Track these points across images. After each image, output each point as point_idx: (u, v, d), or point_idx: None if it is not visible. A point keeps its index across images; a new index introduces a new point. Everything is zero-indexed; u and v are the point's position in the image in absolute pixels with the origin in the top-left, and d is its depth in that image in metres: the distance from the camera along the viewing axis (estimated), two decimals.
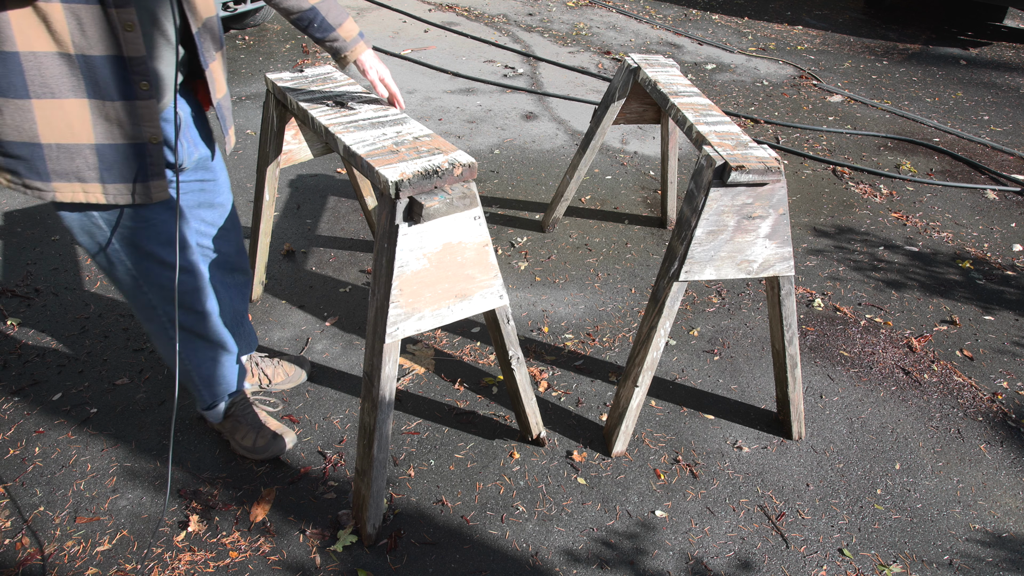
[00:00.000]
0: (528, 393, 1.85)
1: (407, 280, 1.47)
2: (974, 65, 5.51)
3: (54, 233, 2.76)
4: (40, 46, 1.15)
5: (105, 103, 1.24)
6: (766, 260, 1.78)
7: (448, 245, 1.50)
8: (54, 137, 1.23)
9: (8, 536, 1.68)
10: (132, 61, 1.23)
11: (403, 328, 1.51)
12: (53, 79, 1.19)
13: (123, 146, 1.29)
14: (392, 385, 1.56)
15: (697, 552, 1.76)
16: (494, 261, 1.58)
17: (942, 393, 2.31)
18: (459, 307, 1.58)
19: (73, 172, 1.28)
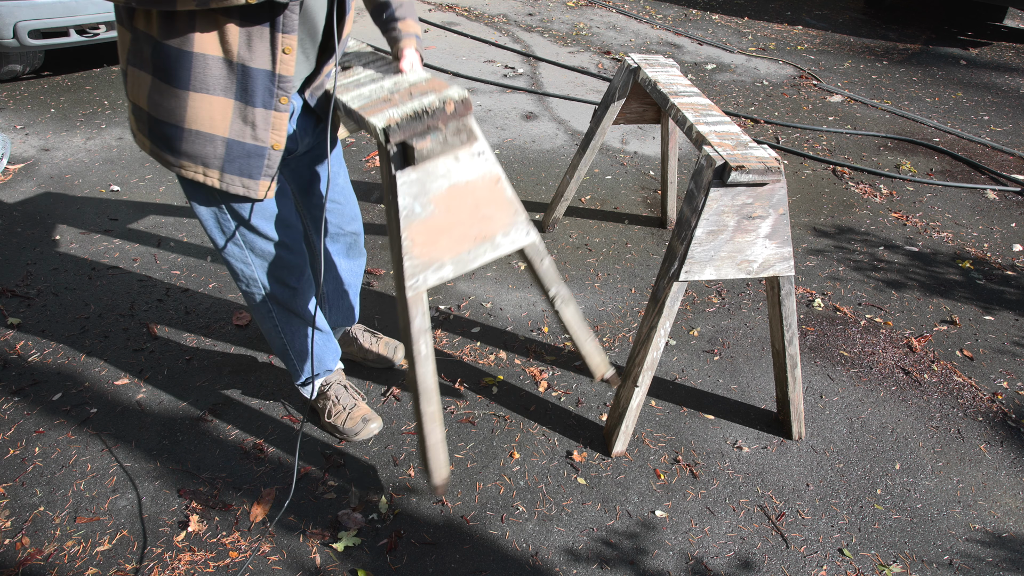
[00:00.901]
0: (584, 331, 1.73)
1: (416, 229, 1.39)
2: (974, 65, 5.51)
3: (54, 233, 2.76)
4: (211, 51, 1.35)
5: (247, 107, 1.42)
6: (766, 260, 1.78)
7: (455, 187, 1.41)
8: (195, 124, 1.42)
9: (8, 536, 1.68)
10: (281, 78, 1.41)
11: (424, 279, 1.43)
12: (212, 79, 1.37)
13: (249, 145, 1.46)
14: (427, 338, 1.49)
15: (697, 552, 1.76)
16: (512, 196, 1.47)
17: (942, 393, 2.31)
18: (482, 251, 1.48)
19: (201, 157, 1.46)
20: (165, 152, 1.47)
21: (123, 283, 2.52)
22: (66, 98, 3.86)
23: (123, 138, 3.50)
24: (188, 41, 1.33)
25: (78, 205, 2.94)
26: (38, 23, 3.56)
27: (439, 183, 1.40)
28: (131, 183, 3.12)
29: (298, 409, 2.08)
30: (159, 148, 1.48)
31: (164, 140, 1.45)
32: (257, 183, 1.51)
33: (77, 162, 3.25)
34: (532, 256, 1.60)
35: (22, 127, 3.53)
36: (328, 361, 1.95)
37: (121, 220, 2.87)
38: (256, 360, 2.23)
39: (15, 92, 3.89)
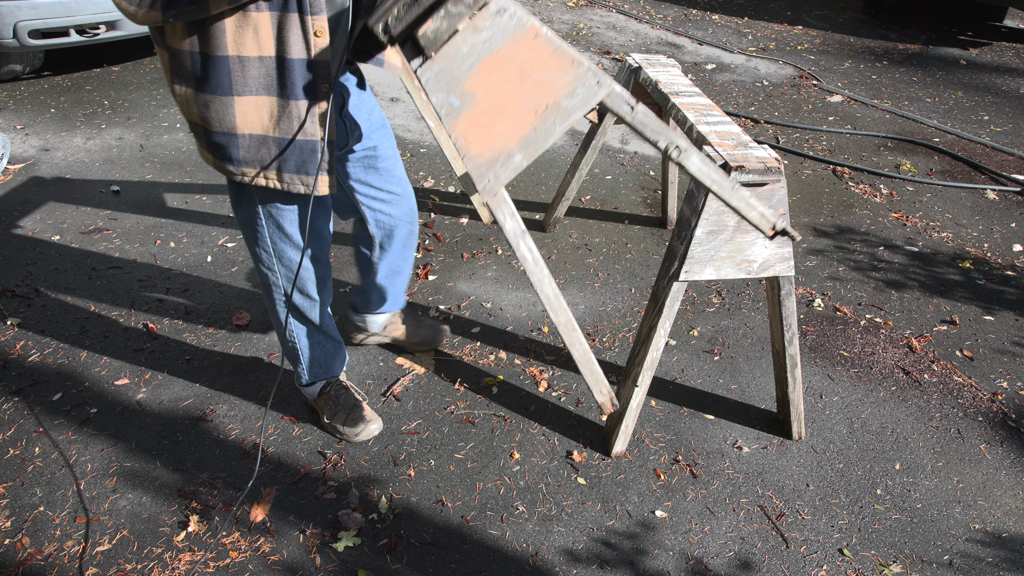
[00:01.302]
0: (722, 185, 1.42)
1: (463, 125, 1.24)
2: (974, 65, 5.51)
3: (54, 233, 2.76)
4: (246, 51, 1.33)
5: (290, 101, 1.40)
6: (766, 260, 1.78)
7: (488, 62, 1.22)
8: (248, 128, 1.42)
9: (8, 536, 1.68)
10: (318, 64, 1.37)
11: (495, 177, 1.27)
12: (252, 79, 1.36)
13: (300, 141, 1.45)
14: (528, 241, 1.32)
15: (697, 552, 1.76)
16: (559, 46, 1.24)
17: (942, 393, 2.31)
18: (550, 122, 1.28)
19: (259, 160, 1.47)
20: (226, 163, 1.49)
21: (123, 283, 2.52)
22: (66, 98, 3.86)
23: (123, 138, 3.50)
24: (222, 46, 1.32)
25: (78, 205, 2.94)
26: (38, 23, 3.56)
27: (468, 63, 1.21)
28: (131, 183, 3.12)
29: (298, 408, 2.08)
30: (219, 159, 1.49)
31: (221, 150, 1.46)
32: (314, 179, 1.50)
33: (77, 162, 3.25)
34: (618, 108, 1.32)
35: (22, 127, 3.53)
36: (335, 368, 1.98)
37: (121, 220, 2.87)
38: (256, 360, 2.23)
39: (15, 92, 3.89)
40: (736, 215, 1.70)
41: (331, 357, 1.95)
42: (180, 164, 3.31)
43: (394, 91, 4.30)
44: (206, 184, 3.16)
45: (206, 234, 2.82)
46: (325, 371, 1.96)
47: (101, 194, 3.03)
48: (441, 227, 2.98)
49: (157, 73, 4.29)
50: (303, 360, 1.91)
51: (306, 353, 1.90)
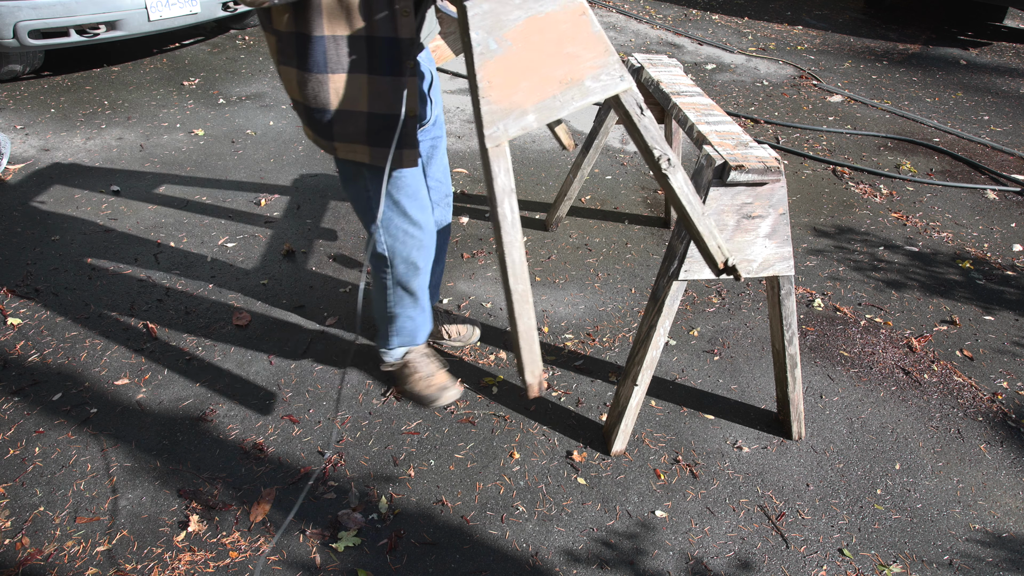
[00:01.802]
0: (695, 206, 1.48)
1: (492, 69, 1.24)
2: (974, 65, 5.51)
3: (54, 233, 2.76)
4: (340, 31, 1.41)
5: (379, 77, 1.47)
6: (766, 260, 1.78)
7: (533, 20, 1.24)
8: (340, 105, 1.50)
9: (8, 536, 1.68)
10: (403, 42, 1.44)
11: (504, 128, 1.28)
12: (345, 57, 1.44)
13: (388, 116, 1.51)
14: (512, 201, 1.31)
15: (697, 552, 1.76)
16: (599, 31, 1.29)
17: (942, 393, 2.31)
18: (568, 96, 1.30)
19: (350, 135, 1.54)
20: (322, 137, 1.58)
21: (123, 283, 2.52)
22: (66, 98, 3.86)
23: (123, 138, 3.50)
24: (319, 26, 1.40)
25: (78, 205, 2.94)
26: (38, 23, 3.56)
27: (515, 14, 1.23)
28: (131, 183, 3.12)
29: (297, 409, 2.08)
30: (318, 135, 1.58)
31: (319, 126, 1.55)
32: (401, 152, 1.56)
33: (77, 162, 3.25)
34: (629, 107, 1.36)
35: (22, 127, 3.53)
36: (420, 337, 2.03)
37: (121, 220, 2.87)
38: (256, 360, 2.23)
39: (15, 92, 3.89)
40: (735, 215, 1.70)
41: (419, 326, 2.00)
42: (180, 164, 3.31)
43: None
44: (206, 184, 3.16)
45: (206, 234, 2.82)
46: (411, 339, 2.02)
47: (101, 194, 3.03)
48: None
49: (157, 73, 4.29)
50: (394, 327, 1.96)
51: (399, 320, 1.95)
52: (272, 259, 2.71)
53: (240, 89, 4.14)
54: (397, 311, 1.92)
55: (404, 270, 1.83)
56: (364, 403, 2.11)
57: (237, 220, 2.93)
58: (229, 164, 3.35)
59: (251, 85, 4.21)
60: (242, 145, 3.52)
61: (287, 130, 3.71)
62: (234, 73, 4.37)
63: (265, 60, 4.60)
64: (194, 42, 4.84)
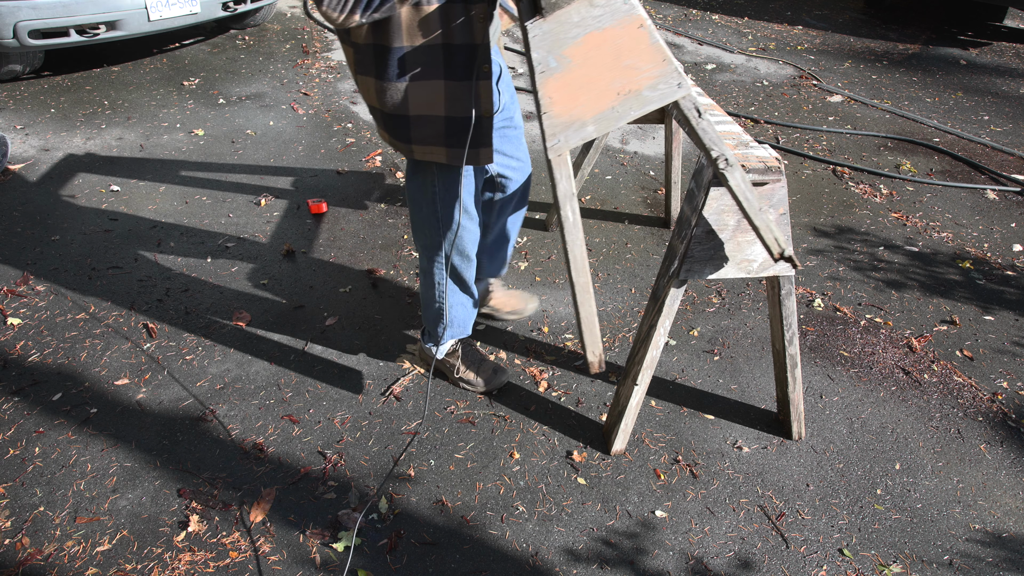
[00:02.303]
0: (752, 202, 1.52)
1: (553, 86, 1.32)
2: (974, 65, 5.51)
3: (54, 233, 2.76)
4: (418, 41, 1.48)
5: (456, 83, 1.54)
6: (766, 260, 1.78)
7: (592, 36, 1.31)
8: (418, 111, 1.58)
9: (8, 536, 1.68)
10: (480, 48, 1.51)
11: (565, 139, 1.37)
12: (423, 65, 1.51)
13: (464, 119, 1.59)
14: (574, 204, 1.43)
15: (697, 552, 1.76)
16: (658, 41, 1.34)
17: (942, 393, 2.31)
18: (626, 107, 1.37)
19: (427, 138, 1.62)
20: (400, 141, 1.66)
21: (123, 283, 2.52)
22: (66, 98, 3.86)
23: (123, 138, 3.50)
24: (398, 38, 1.47)
25: (78, 205, 2.94)
26: (38, 23, 3.56)
27: (574, 33, 1.30)
28: (131, 183, 3.12)
29: (297, 409, 2.08)
30: (395, 139, 1.67)
31: (397, 131, 1.64)
32: (478, 151, 1.64)
33: (77, 162, 3.25)
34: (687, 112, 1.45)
35: (22, 127, 3.53)
36: (469, 326, 2.12)
37: (121, 220, 2.87)
38: (256, 360, 2.23)
39: (15, 92, 3.89)
40: (735, 215, 1.70)
41: (469, 317, 2.09)
42: (180, 164, 3.31)
43: None
44: (206, 184, 3.16)
45: (206, 234, 2.82)
46: (462, 330, 2.10)
47: (101, 194, 3.03)
48: None
49: (157, 73, 4.29)
50: (445, 320, 2.01)
51: (450, 313, 2.02)
52: (272, 259, 2.71)
53: (240, 89, 4.14)
54: (450, 302, 2.00)
55: (459, 262, 1.92)
56: (364, 403, 2.11)
57: (237, 220, 2.93)
58: (229, 164, 3.35)
59: (251, 85, 4.21)
60: (242, 145, 3.52)
61: (287, 130, 3.71)
62: (234, 73, 4.37)
63: (265, 60, 4.61)
64: (194, 42, 4.84)
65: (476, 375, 2.14)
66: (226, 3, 4.28)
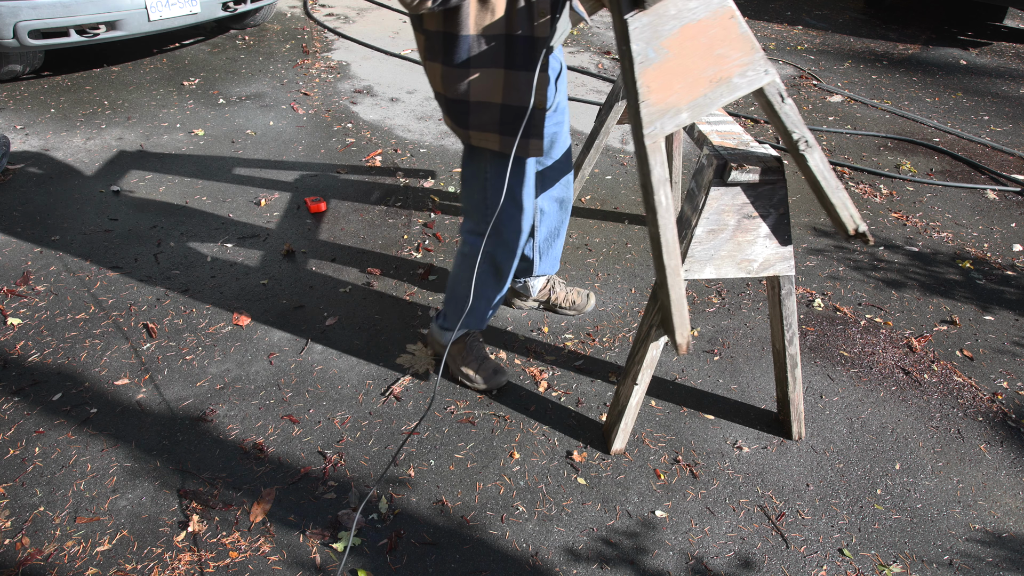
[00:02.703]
0: (831, 181, 1.62)
1: (652, 75, 1.39)
2: (974, 65, 5.51)
3: (54, 233, 2.76)
4: (483, 31, 1.57)
5: (515, 73, 1.61)
6: (766, 259, 1.78)
7: (687, 28, 1.38)
8: (477, 97, 1.66)
9: (8, 536, 1.68)
10: (539, 41, 1.59)
11: (661, 126, 1.44)
12: (485, 54, 1.59)
13: (519, 108, 1.65)
14: (666, 189, 1.50)
15: (697, 552, 1.76)
16: (746, 31, 1.42)
17: (942, 393, 2.31)
18: (718, 93, 1.45)
19: (484, 124, 1.70)
20: (460, 126, 1.74)
21: (123, 283, 2.52)
22: (66, 98, 3.86)
23: (123, 138, 3.50)
24: (465, 26, 1.56)
25: (78, 205, 2.94)
26: (38, 23, 3.56)
27: (671, 25, 1.37)
28: (131, 183, 3.12)
29: (297, 409, 2.08)
30: (455, 123, 1.74)
31: (457, 115, 1.71)
32: (528, 142, 1.71)
33: (77, 162, 3.25)
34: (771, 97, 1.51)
35: (22, 127, 3.53)
36: (485, 322, 2.16)
37: (121, 220, 2.87)
38: (256, 360, 2.23)
39: (15, 92, 3.89)
40: (736, 215, 1.70)
41: (490, 312, 2.12)
42: (180, 164, 3.31)
43: (394, 91, 4.30)
44: (206, 184, 3.16)
45: (206, 234, 2.82)
46: (478, 323, 2.13)
47: (101, 194, 3.03)
48: (441, 227, 2.98)
49: (157, 73, 4.29)
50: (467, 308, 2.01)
51: (475, 303, 2.05)
52: (272, 259, 2.71)
53: (240, 89, 4.14)
54: (478, 292, 2.02)
55: (503, 252, 1.95)
56: (364, 403, 2.11)
57: (237, 220, 2.93)
58: (229, 164, 3.35)
59: (251, 85, 4.21)
60: (242, 145, 3.52)
61: (287, 130, 3.71)
62: (234, 73, 4.36)
63: (265, 60, 4.60)
64: (194, 42, 4.84)
65: (476, 372, 2.14)
66: (226, 3, 4.28)
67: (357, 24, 5.43)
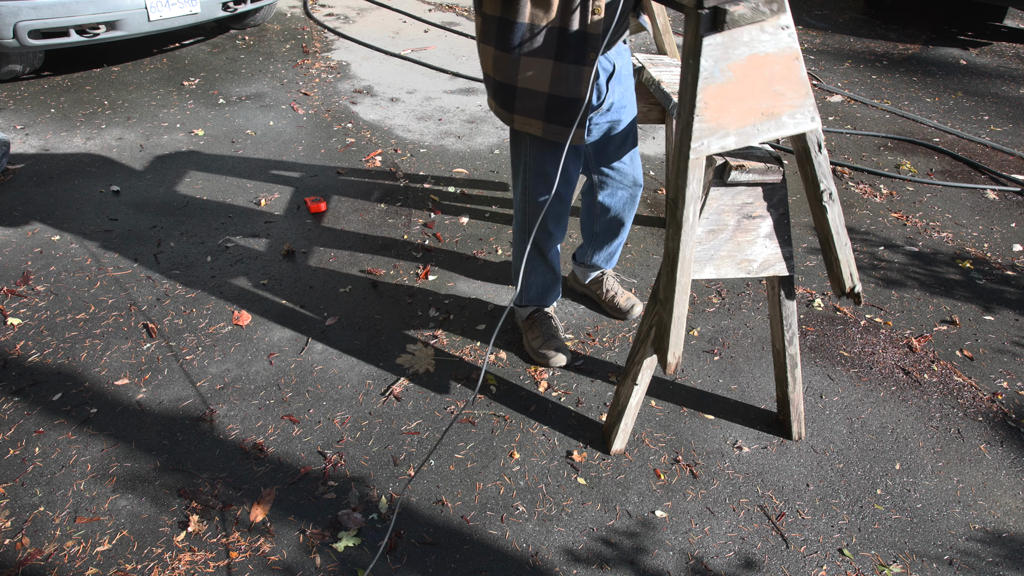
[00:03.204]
0: (842, 237, 1.69)
1: (712, 93, 1.44)
2: (974, 65, 5.51)
3: (54, 233, 2.76)
4: (538, 20, 1.65)
5: (564, 64, 1.69)
6: (766, 260, 1.78)
7: (754, 58, 1.44)
8: (525, 83, 1.75)
9: (8, 536, 1.68)
10: (591, 37, 1.65)
11: (708, 144, 1.48)
12: (537, 43, 1.67)
13: (565, 98, 1.74)
14: (696, 206, 1.53)
15: (697, 552, 1.76)
16: (804, 77, 1.50)
17: (942, 393, 2.31)
18: (765, 127, 1.51)
19: (529, 110, 1.79)
20: (504, 109, 1.83)
21: (123, 283, 2.52)
22: (66, 98, 3.86)
23: (123, 138, 3.50)
24: (522, 14, 1.64)
25: (78, 205, 2.94)
26: (38, 23, 3.56)
27: (740, 51, 1.43)
28: (131, 183, 3.12)
29: (297, 409, 2.08)
30: (500, 106, 1.84)
31: (503, 98, 1.81)
32: (570, 131, 1.76)
33: (77, 162, 3.25)
34: (811, 143, 1.58)
35: (22, 127, 3.53)
36: (548, 299, 2.28)
37: (121, 220, 2.87)
38: (256, 360, 2.23)
39: (15, 92, 3.89)
40: (735, 215, 1.70)
41: (547, 288, 2.24)
42: (180, 164, 3.31)
43: (394, 91, 4.30)
44: (206, 184, 3.16)
45: (206, 234, 2.82)
46: (539, 299, 2.26)
47: (101, 194, 3.03)
48: (441, 227, 2.98)
49: (157, 73, 4.29)
50: (527, 285, 2.21)
51: (529, 278, 2.20)
52: (272, 259, 2.71)
53: (240, 89, 4.14)
54: (527, 268, 2.16)
55: (540, 235, 2.06)
56: (364, 403, 2.12)
57: (237, 220, 2.93)
58: (229, 164, 3.35)
59: (251, 85, 4.21)
60: (242, 145, 3.52)
61: (287, 130, 3.72)
62: (234, 73, 4.36)
63: (265, 60, 4.60)
64: (194, 42, 4.84)
65: (539, 347, 2.24)
66: (226, 3, 4.28)
67: (357, 24, 5.43)
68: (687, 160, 1.49)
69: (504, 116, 1.85)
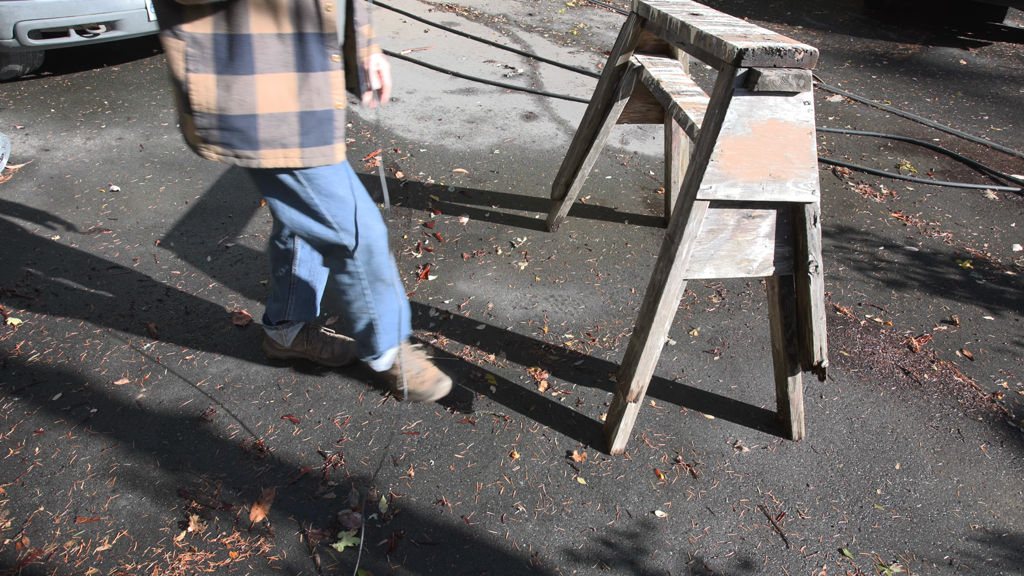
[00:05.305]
0: (819, 311, 1.79)
1: (730, 143, 1.55)
2: (974, 65, 5.51)
3: (54, 233, 2.76)
4: (267, 28, 1.39)
5: (309, 74, 1.47)
6: (766, 259, 1.78)
7: (774, 122, 1.55)
8: (268, 107, 1.45)
9: (8, 536, 1.68)
10: (328, 37, 1.46)
11: (716, 189, 1.58)
12: (273, 56, 1.42)
13: (318, 112, 1.51)
14: (691, 245, 1.63)
15: (697, 552, 1.76)
16: (814, 152, 1.61)
17: (942, 393, 2.31)
18: (770, 188, 1.61)
19: (279, 139, 1.49)
20: (242, 148, 1.49)
21: (123, 283, 2.52)
22: (66, 98, 3.86)
23: (123, 138, 3.50)
24: (244, 25, 1.37)
25: (78, 205, 2.94)
26: (38, 23, 3.56)
27: (764, 112, 1.55)
28: (131, 183, 3.12)
29: (297, 409, 2.08)
30: (235, 146, 1.49)
31: (239, 135, 1.47)
32: (333, 148, 1.56)
33: (77, 162, 3.25)
34: (807, 216, 1.68)
35: (22, 127, 3.53)
36: (405, 328, 1.97)
37: (121, 220, 2.87)
38: (256, 360, 2.23)
39: (15, 92, 3.89)
40: (735, 215, 1.70)
41: (403, 317, 1.93)
42: (180, 164, 3.31)
43: (394, 91, 4.30)
44: (206, 184, 3.16)
45: (206, 234, 2.82)
46: (402, 335, 1.96)
47: (101, 194, 3.03)
48: (441, 227, 2.98)
49: (157, 73, 4.29)
50: (381, 327, 1.87)
51: (384, 319, 1.87)
52: None
53: None
54: (380, 309, 1.85)
55: (379, 260, 1.76)
56: (364, 403, 2.12)
57: (237, 220, 2.93)
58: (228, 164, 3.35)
59: None
60: None
61: None
62: None
63: None
64: None
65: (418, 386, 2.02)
66: None
67: None
68: (692, 200, 1.58)
69: (243, 156, 1.50)
